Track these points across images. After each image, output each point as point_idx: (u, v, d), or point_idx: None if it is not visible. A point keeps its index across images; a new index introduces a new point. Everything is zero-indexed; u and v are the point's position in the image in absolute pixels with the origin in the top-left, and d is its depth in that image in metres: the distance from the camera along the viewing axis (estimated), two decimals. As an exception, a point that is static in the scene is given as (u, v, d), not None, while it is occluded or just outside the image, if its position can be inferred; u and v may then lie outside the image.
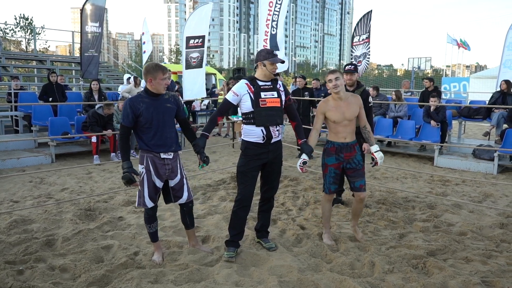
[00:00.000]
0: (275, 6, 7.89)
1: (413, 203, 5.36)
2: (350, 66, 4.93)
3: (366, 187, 3.88)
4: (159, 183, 3.40)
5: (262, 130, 3.55)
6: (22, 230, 4.18)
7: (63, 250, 3.71)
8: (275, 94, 3.61)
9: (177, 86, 11.84)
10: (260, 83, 3.61)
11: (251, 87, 3.57)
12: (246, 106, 3.56)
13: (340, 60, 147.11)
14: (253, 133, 3.58)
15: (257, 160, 3.60)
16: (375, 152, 3.82)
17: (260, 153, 3.60)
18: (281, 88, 3.70)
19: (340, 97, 3.70)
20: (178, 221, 4.52)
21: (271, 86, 3.62)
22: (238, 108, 4.08)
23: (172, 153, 3.41)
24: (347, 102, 3.71)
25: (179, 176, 3.48)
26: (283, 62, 3.74)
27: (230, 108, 3.83)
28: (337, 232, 4.24)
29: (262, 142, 3.58)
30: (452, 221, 4.66)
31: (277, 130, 3.65)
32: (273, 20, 8.05)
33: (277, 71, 7.89)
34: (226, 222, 4.41)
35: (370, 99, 4.91)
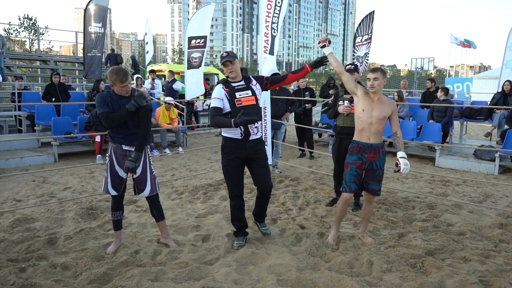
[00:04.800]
0: (275, 8, 7.91)
1: (413, 203, 5.37)
2: (350, 65, 4.92)
3: (380, 191, 3.87)
4: (122, 174, 3.59)
5: (240, 127, 3.73)
6: (25, 228, 4.23)
7: (65, 248, 3.75)
8: (249, 92, 3.79)
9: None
10: (234, 84, 3.80)
11: (226, 89, 3.78)
12: (225, 107, 3.77)
13: (343, 60, 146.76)
14: (232, 130, 3.78)
15: (237, 157, 3.79)
16: (400, 157, 3.61)
17: (237, 149, 3.79)
18: (254, 84, 3.86)
19: (376, 96, 3.69)
20: (179, 220, 4.58)
21: (245, 85, 3.81)
22: None
23: (134, 147, 3.55)
24: (380, 101, 3.68)
25: (141, 169, 3.63)
26: (226, 60, 3.74)
27: (221, 112, 3.78)
28: (337, 231, 4.26)
29: (240, 138, 3.78)
30: (451, 221, 4.67)
31: (255, 127, 3.83)
32: (273, 22, 8.07)
33: (268, 74, 7.88)
34: (227, 221, 4.45)
35: None
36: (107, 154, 3.63)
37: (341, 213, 3.91)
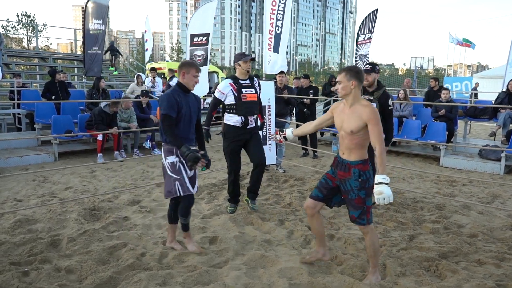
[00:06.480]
0: (279, 5, 7.81)
1: (421, 204, 5.29)
2: (368, 65, 4.74)
3: (364, 221, 3.08)
4: (189, 173, 3.56)
5: (241, 118, 4.49)
6: (27, 230, 4.11)
7: (68, 250, 3.64)
8: (253, 90, 4.56)
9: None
10: (241, 81, 4.52)
11: (234, 85, 4.48)
12: (230, 100, 4.49)
13: (341, 59, 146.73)
14: (234, 119, 4.52)
15: (237, 141, 4.52)
16: (376, 183, 2.86)
17: (237, 134, 4.52)
18: (257, 84, 4.64)
19: (348, 104, 3.08)
20: (184, 221, 4.47)
21: (250, 84, 4.55)
22: None
23: (194, 146, 3.62)
24: (352, 111, 3.02)
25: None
26: (253, 59, 4.58)
27: (219, 103, 4.62)
28: (346, 233, 4.17)
29: (240, 126, 4.52)
30: (461, 223, 4.59)
31: (253, 119, 4.60)
32: (277, 20, 7.98)
33: (275, 72, 7.82)
34: (233, 222, 4.36)
35: (390, 102, 4.66)
36: (174, 156, 3.47)
37: (312, 228, 3.38)
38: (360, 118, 2.96)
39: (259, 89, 4.68)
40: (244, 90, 4.47)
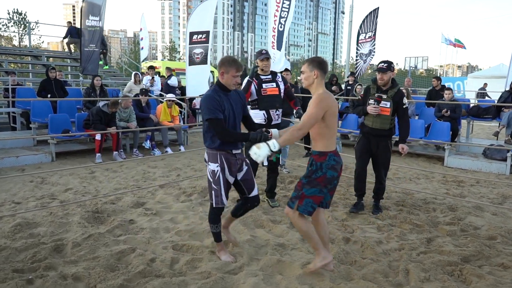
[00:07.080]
0: (283, 3, 7.69)
1: (433, 205, 5.17)
2: (383, 64, 4.55)
3: (293, 205, 3.02)
4: (231, 180, 3.35)
5: (264, 113, 4.69)
6: (28, 234, 3.90)
7: (74, 256, 3.45)
8: (274, 84, 4.79)
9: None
10: (262, 77, 4.79)
11: (256, 81, 4.73)
12: (252, 95, 4.71)
13: (333, 59, 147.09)
14: (258, 116, 4.64)
15: None
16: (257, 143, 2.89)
17: None
18: (279, 80, 4.88)
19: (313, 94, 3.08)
20: (193, 224, 4.29)
21: (271, 79, 4.80)
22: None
23: (240, 148, 3.37)
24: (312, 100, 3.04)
25: (245, 166, 3.41)
26: (268, 58, 4.81)
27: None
28: (362, 236, 4.03)
29: (265, 123, 4.63)
30: (477, 224, 4.48)
31: (277, 114, 4.76)
32: (281, 17, 7.85)
33: (279, 70, 7.77)
34: (244, 225, 4.20)
35: (405, 100, 4.57)
36: (216, 164, 3.24)
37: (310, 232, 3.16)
38: (311, 104, 2.95)
39: (283, 83, 4.90)
40: (264, 85, 4.72)
